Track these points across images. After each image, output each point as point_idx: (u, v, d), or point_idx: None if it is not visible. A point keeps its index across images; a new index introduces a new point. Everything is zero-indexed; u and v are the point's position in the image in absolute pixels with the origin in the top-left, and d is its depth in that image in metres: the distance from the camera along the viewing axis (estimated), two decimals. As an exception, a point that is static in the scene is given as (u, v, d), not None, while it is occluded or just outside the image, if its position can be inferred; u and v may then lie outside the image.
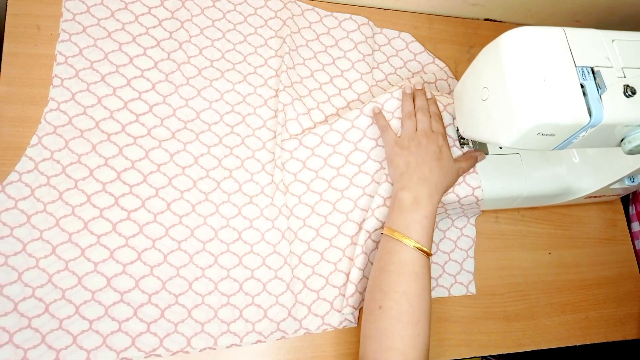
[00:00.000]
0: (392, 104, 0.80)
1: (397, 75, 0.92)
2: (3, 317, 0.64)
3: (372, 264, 0.76)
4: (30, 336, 0.64)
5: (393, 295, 0.65)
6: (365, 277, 0.76)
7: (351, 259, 0.78)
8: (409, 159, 0.73)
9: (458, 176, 0.76)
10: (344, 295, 0.76)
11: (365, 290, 0.75)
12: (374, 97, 0.86)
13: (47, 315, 0.65)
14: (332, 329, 0.76)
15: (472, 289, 0.84)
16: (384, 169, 0.81)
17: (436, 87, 0.92)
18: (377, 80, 0.90)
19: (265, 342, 0.72)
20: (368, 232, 0.76)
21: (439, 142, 0.74)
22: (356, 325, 0.77)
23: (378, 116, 0.79)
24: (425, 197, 0.70)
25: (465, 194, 0.78)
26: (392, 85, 0.89)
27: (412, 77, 0.92)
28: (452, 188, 0.78)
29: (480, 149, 0.81)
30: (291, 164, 0.80)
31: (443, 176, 0.72)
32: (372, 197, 0.80)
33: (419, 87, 0.80)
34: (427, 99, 0.79)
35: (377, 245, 0.77)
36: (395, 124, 0.79)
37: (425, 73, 0.93)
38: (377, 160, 0.81)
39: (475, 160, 0.79)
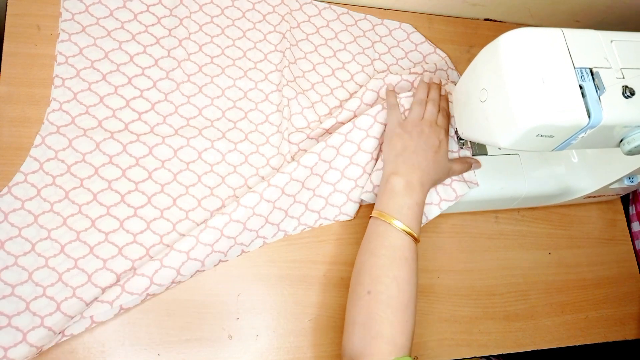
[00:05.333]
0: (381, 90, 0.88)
1: (398, 65, 0.96)
2: (16, 316, 0.66)
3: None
4: (44, 335, 0.66)
5: (384, 280, 0.67)
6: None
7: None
8: (407, 143, 0.76)
9: (448, 176, 0.80)
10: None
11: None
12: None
13: (59, 314, 0.68)
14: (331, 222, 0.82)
15: None
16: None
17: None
18: (378, 71, 0.94)
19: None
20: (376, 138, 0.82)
21: (440, 135, 0.77)
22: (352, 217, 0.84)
23: (389, 94, 0.83)
24: (417, 183, 0.73)
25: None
26: (391, 73, 0.92)
27: (414, 67, 0.95)
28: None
29: (477, 157, 0.85)
30: (300, 156, 0.83)
31: (435, 169, 0.76)
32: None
33: (436, 81, 0.84)
34: (440, 94, 0.82)
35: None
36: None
37: (427, 63, 0.97)
38: (374, 137, 0.84)
39: (470, 167, 0.82)
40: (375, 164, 0.83)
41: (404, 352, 0.63)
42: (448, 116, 0.82)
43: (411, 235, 0.70)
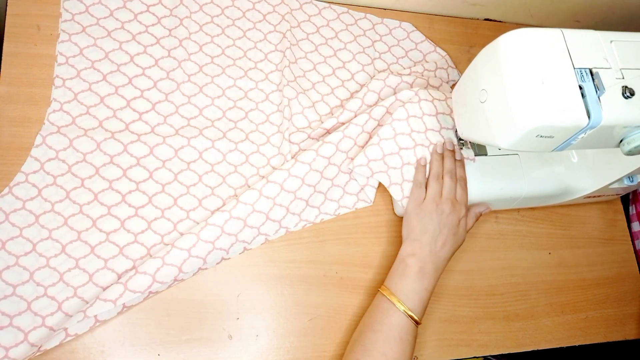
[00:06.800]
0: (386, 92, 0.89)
1: (399, 64, 0.97)
2: (18, 316, 0.67)
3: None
4: (45, 334, 0.67)
5: (373, 354, 0.69)
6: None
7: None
8: (427, 227, 0.77)
9: (463, 241, 0.80)
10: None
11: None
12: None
13: (60, 314, 0.68)
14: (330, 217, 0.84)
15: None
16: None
17: (435, 76, 0.96)
18: (379, 70, 0.95)
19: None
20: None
21: (460, 214, 0.78)
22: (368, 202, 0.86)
23: (419, 169, 0.81)
24: (431, 270, 0.75)
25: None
26: (392, 72, 0.92)
27: (414, 65, 0.96)
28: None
29: (477, 157, 0.85)
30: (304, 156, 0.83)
31: (453, 250, 0.78)
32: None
33: (449, 147, 0.82)
34: (455, 162, 0.81)
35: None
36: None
37: (427, 62, 0.98)
38: (368, 132, 0.85)
39: (480, 215, 0.83)
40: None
41: None
42: (466, 184, 0.81)
43: (412, 318, 0.71)
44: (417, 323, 0.72)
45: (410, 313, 0.71)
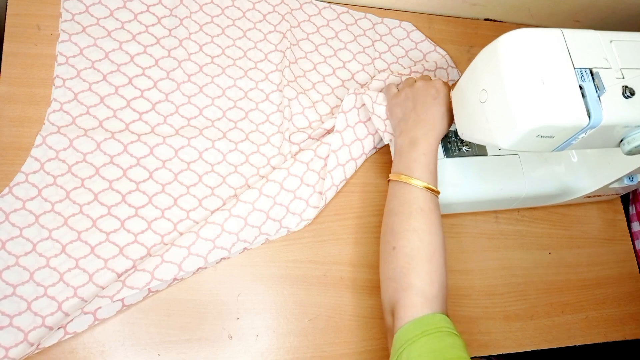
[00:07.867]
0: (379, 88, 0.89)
1: (399, 64, 0.97)
2: (18, 316, 0.67)
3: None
4: (45, 334, 0.67)
5: (404, 234, 0.70)
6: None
7: None
8: (405, 104, 0.77)
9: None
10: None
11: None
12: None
13: (60, 314, 0.68)
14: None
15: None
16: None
17: (435, 76, 0.96)
18: (379, 69, 0.95)
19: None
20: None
21: (436, 84, 0.78)
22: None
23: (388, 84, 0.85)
24: (420, 136, 0.74)
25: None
26: (392, 72, 0.93)
27: (414, 65, 0.96)
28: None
29: (477, 158, 0.85)
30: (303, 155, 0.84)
31: (440, 116, 0.76)
32: None
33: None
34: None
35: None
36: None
37: (427, 61, 0.98)
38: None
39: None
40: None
41: (436, 303, 0.66)
42: (447, 84, 0.80)
43: (426, 188, 0.71)
44: (432, 191, 0.72)
45: (420, 183, 0.71)
